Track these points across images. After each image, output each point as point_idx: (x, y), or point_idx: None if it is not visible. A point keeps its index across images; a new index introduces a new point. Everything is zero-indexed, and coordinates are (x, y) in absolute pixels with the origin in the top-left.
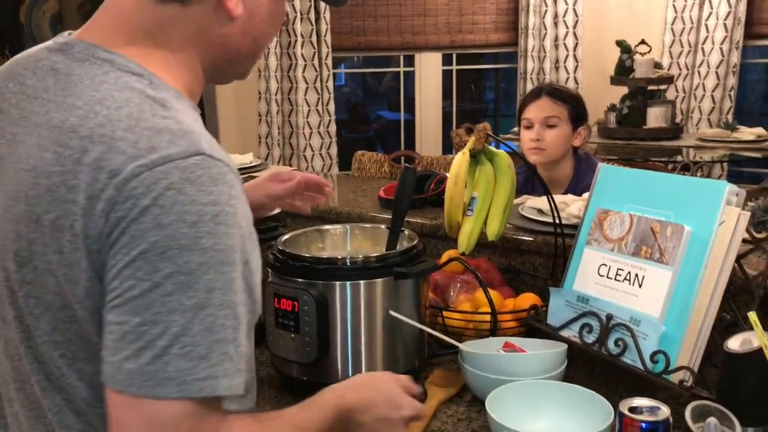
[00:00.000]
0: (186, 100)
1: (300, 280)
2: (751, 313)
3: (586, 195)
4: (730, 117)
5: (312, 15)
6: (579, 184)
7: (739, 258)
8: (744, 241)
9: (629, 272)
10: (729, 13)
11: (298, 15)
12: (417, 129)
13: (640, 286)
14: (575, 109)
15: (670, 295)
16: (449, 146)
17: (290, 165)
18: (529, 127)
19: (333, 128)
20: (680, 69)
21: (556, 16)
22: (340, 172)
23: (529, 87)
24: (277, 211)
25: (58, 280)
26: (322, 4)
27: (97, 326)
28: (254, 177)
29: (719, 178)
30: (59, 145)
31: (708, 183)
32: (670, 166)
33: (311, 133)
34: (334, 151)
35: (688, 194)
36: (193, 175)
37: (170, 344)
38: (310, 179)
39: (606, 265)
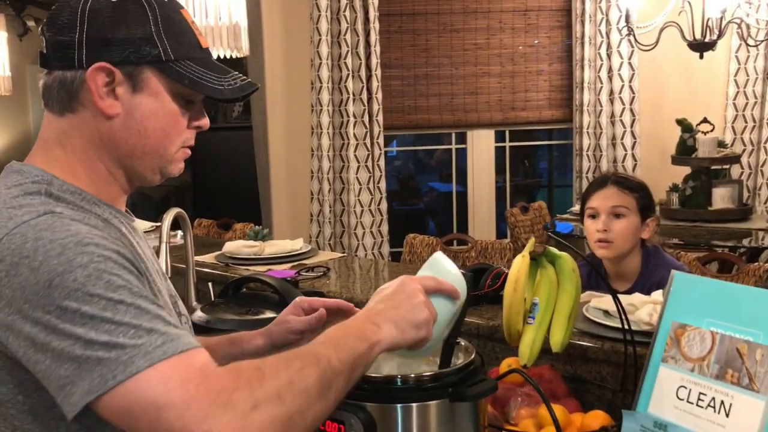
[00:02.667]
0: (81, 194)
1: (346, 401)
2: None
3: (655, 295)
4: None
5: (364, 95)
6: (647, 280)
7: None
8: None
9: (713, 398)
10: None
11: (351, 96)
12: (470, 206)
13: (727, 415)
14: (643, 199)
15: (764, 427)
16: (503, 225)
17: (341, 243)
18: (594, 217)
19: (384, 206)
20: (744, 145)
21: (611, 92)
22: (391, 249)
23: (585, 164)
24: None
25: None
26: (375, 84)
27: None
28: (304, 264)
29: None
30: None
31: None
32: (738, 252)
33: (362, 211)
34: (385, 228)
35: None
36: (45, 225)
37: (112, 337)
38: (332, 307)
39: (686, 387)
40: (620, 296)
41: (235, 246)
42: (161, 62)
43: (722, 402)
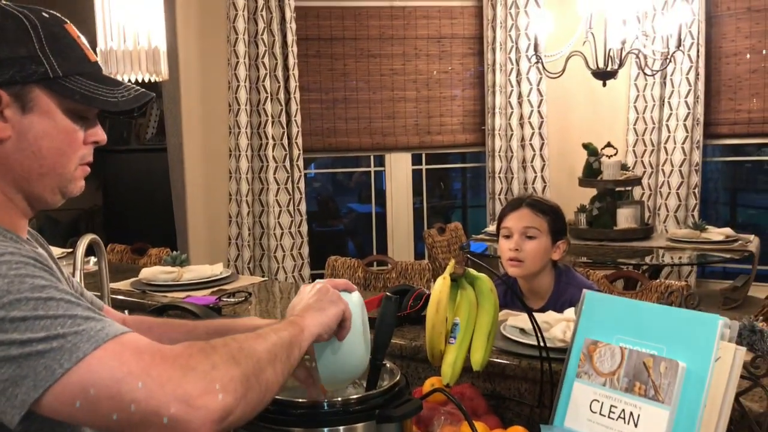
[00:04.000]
0: None
1: (275, 427)
2: None
3: (567, 312)
4: (696, 214)
5: (283, 118)
6: (560, 298)
7: (738, 395)
8: (741, 376)
9: (623, 410)
10: (688, 114)
11: (269, 118)
12: (389, 227)
13: (636, 425)
14: (555, 222)
15: None
16: (421, 245)
17: (260, 266)
18: (508, 237)
19: (305, 228)
20: (645, 167)
21: (521, 117)
22: (312, 270)
23: (498, 185)
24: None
25: None
26: (294, 107)
27: None
28: (225, 289)
29: (688, 275)
30: None
31: (700, 317)
32: (641, 269)
33: (282, 234)
34: (305, 251)
35: (680, 327)
36: None
37: (50, 331)
38: None
39: (598, 401)
40: (535, 314)
41: (151, 272)
42: (49, 79)
43: (631, 413)
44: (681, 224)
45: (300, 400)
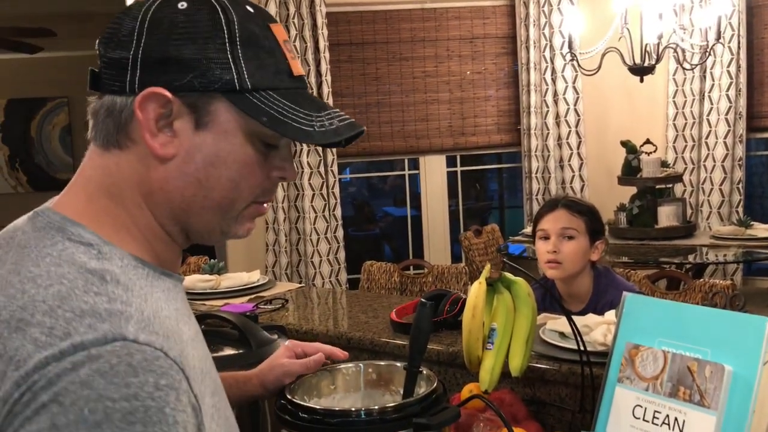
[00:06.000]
0: (143, 267)
1: None
2: None
3: (608, 315)
4: (740, 210)
5: None
6: (600, 300)
7: None
8: None
9: (668, 415)
10: (730, 107)
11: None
12: (424, 230)
13: (681, 431)
14: (592, 222)
15: None
16: (458, 248)
17: (298, 272)
18: (545, 239)
19: (340, 233)
20: (685, 163)
21: (557, 116)
22: (348, 275)
23: (535, 186)
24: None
25: None
26: None
27: None
28: (262, 297)
29: (734, 273)
30: None
31: (747, 318)
32: (684, 268)
33: (318, 239)
34: (342, 255)
35: (725, 330)
36: (106, 366)
37: None
38: (326, 353)
39: (641, 406)
40: (574, 317)
41: (190, 281)
42: (235, 92)
43: (676, 419)
44: (725, 221)
45: (336, 408)
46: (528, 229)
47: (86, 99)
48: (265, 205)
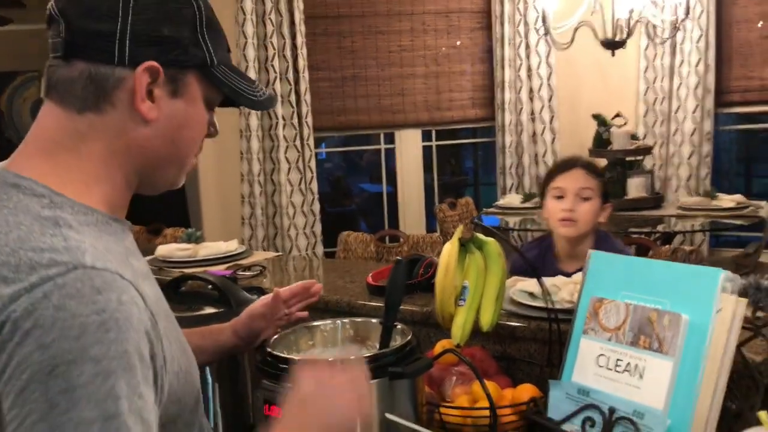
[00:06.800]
0: (93, 214)
1: (291, 384)
2: (761, 413)
3: (575, 277)
4: (707, 183)
5: (293, 97)
6: None
7: (740, 345)
8: (743, 327)
9: (629, 363)
10: (698, 83)
11: (279, 98)
12: (400, 204)
13: (641, 377)
14: (604, 184)
15: (673, 386)
16: (433, 221)
17: (274, 245)
18: (560, 197)
19: (317, 207)
20: (655, 138)
21: (531, 91)
22: (325, 249)
23: (508, 160)
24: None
25: None
26: (303, 87)
27: None
28: (240, 265)
29: (701, 244)
30: None
31: (702, 270)
32: (653, 237)
33: (295, 213)
34: (318, 229)
35: (682, 282)
36: (72, 290)
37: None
38: (291, 291)
39: (605, 355)
40: (544, 278)
41: (168, 249)
42: (204, 67)
43: (636, 365)
44: (693, 194)
45: (316, 357)
46: (502, 201)
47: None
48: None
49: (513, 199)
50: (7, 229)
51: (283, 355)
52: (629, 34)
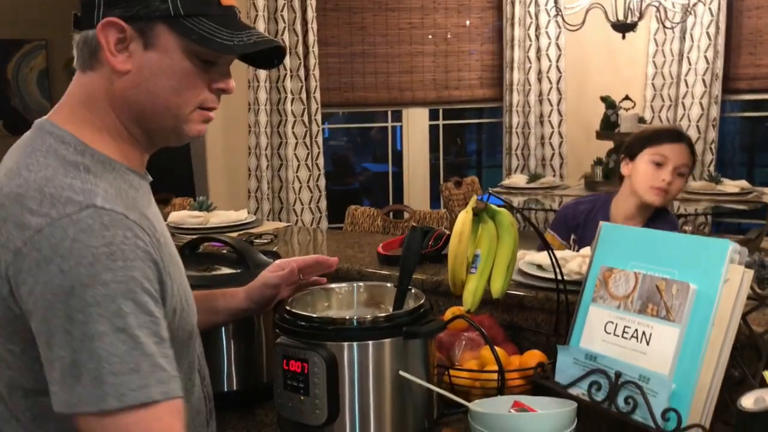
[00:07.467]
0: (110, 163)
1: (309, 341)
2: (766, 372)
3: (584, 251)
4: (712, 169)
5: (302, 72)
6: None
7: (745, 315)
8: (748, 297)
9: (636, 330)
10: (707, 69)
11: (288, 72)
12: (405, 182)
13: (647, 343)
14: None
15: (679, 352)
16: (437, 199)
17: (280, 219)
18: (659, 164)
19: (322, 182)
20: (662, 122)
21: (539, 72)
22: (329, 224)
23: (515, 141)
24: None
25: None
26: (312, 62)
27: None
28: (251, 233)
29: (703, 228)
30: None
31: (711, 242)
32: None
33: (300, 188)
34: (323, 204)
35: (691, 252)
36: (84, 225)
37: (99, 365)
38: (306, 262)
39: (613, 322)
40: (558, 252)
41: (179, 216)
42: (170, 17)
43: (644, 333)
44: (697, 180)
45: (334, 316)
46: (507, 182)
47: (65, 42)
48: (211, 113)
49: (518, 179)
50: (38, 168)
51: (301, 312)
52: (640, 17)
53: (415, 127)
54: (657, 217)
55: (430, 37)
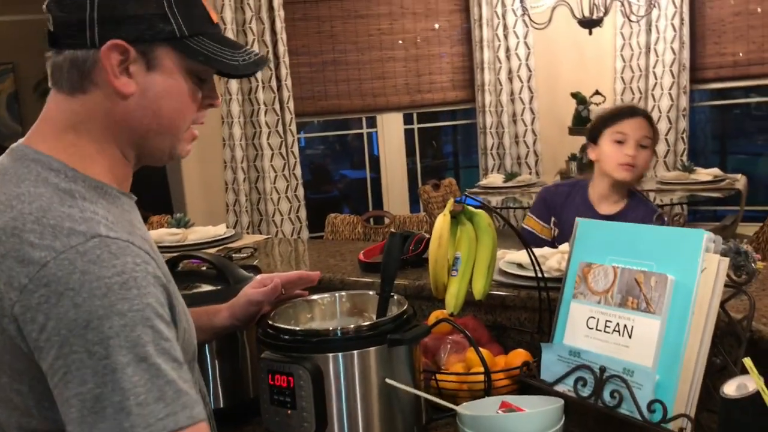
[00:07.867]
0: (102, 188)
1: (293, 354)
2: (746, 359)
3: (562, 247)
4: (684, 158)
5: (274, 83)
6: (629, 214)
7: (723, 302)
8: (725, 285)
9: (618, 323)
10: (674, 60)
11: (260, 83)
12: (383, 187)
13: (630, 336)
14: (657, 137)
15: (660, 343)
16: (417, 203)
17: (260, 231)
18: (620, 142)
19: (301, 192)
20: None
21: (510, 71)
22: (310, 234)
23: (489, 141)
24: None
25: None
26: (284, 72)
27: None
28: (230, 248)
29: (679, 219)
30: None
31: (686, 232)
32: None
33: (279, 199)
34: (303, 214)
35: (667, 244)
36: (93, 256)
37: (124, 398)
38: (289, 278)
39: (594, 317)
40: (534, 249)
41: (158, 234)
42: (175, 39)
43: (625, 326)
44: (671, 169)
45: (317, 328)
46: (484, 182)
47: (34, 63)
48: (196, 130)
49: (495, 179)
50: (30, 198)
51: (284, 326)
52: (606, 13)
53: (391, 132)
54: (634, 197)
55: (400, 42)
